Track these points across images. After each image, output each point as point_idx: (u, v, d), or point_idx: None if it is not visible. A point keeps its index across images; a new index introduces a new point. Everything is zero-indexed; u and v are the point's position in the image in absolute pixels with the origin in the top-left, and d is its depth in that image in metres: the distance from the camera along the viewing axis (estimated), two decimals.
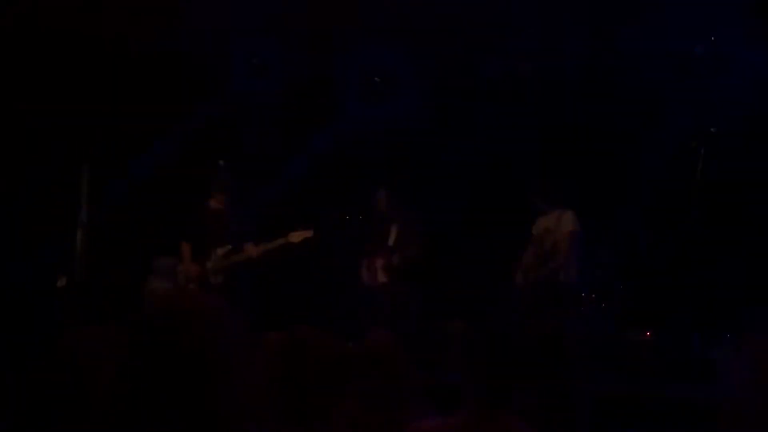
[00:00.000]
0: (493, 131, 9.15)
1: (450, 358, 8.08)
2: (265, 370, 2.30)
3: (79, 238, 9.36)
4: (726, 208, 7.63)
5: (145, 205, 9.33)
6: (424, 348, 8.14)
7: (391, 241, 8.06)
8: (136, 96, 9.16)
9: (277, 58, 9.18)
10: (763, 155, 7.51)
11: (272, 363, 2.30)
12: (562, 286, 7.22)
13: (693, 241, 6.07)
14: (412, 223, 8.06)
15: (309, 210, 9.32)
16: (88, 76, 8.93)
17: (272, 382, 2.26)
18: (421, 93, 9.33)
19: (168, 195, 8.76)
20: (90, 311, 8.38)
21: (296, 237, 7.63)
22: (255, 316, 7.56)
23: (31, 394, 2.55)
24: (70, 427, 2.27)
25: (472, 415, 2.60)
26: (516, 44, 8.84)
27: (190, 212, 7.80)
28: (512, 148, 9.00)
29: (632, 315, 8.11)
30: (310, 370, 2.26)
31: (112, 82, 9.04)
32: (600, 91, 8.61)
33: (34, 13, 8.20)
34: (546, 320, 6.96)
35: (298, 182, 9.58)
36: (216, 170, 7.69)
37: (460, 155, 9.29)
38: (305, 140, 9.63)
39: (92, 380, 2.32)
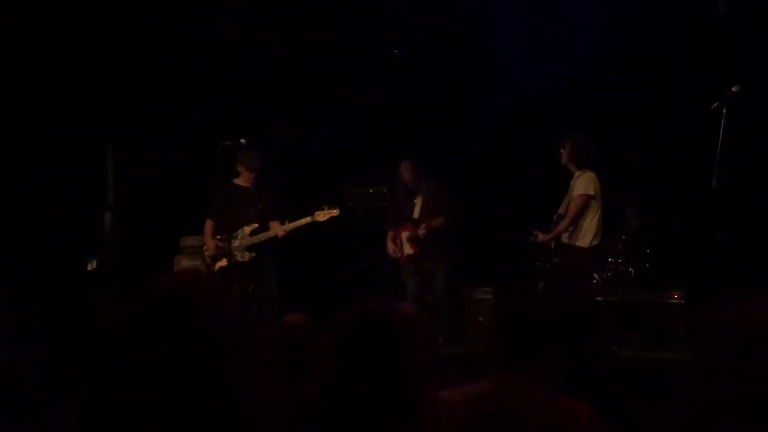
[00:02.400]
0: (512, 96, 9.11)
1: (478, 326, 8.11)
2: (333, 352, 2.25)
3: (107, 221, 9.46)
4: (752, 169, 7.56)
5: (170, 185, 9.40)
6: (453, 318, 8.18)
7: (416, 213, 8.06)
8: (155, 76, 9.20)
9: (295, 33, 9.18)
10: None
11: (342, 345, 2.24)
12: (571, 249, 7.13)
13: (719, 204, 6.01)
14: (437, 193, 8.04)
15: (333, 185, 9.35)
16: (109, 58, 8.97)
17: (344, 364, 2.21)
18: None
19: (193, 174, 8.82)
20: (121, 293, 8.48)
21: (322, 216, 7.66)
22: (281, 293, 7.64)
23: (67, 376, 2.61)
24: (102, 406, 2.32)
25: (498, 382, 2.61)
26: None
27: (216, 191, 7.85)
28: (532, 111, 8.96)
29: (661, 279, 8.09)
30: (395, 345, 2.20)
31: (131, 62, 9.08)
32: (614, 55, 8.53)
33: None
34: (563, 285, 6.92)
35: (321, 158, 9.60)
36: (240, 148, 7.70)
37: (483, 120, 9.26)
38: (324, 116, 9.63)
39: (122, 363, 2.36)
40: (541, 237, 7.26)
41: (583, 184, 7.07)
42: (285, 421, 1.56)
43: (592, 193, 7.05)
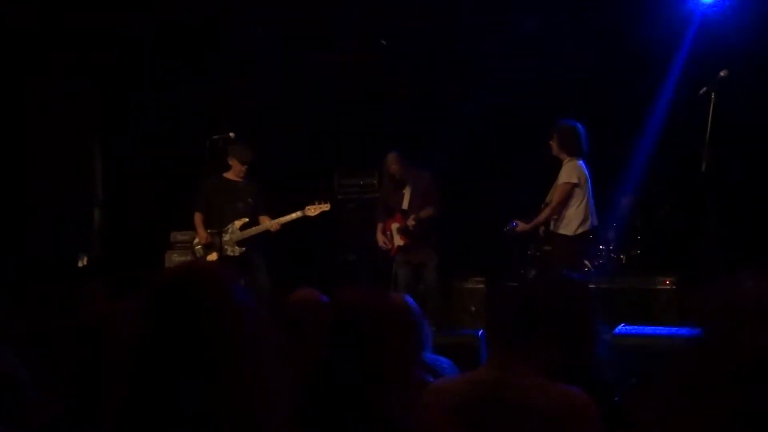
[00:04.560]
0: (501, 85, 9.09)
1: (467, 315, 8.13)
2: (318, 339, 2.29)
3: (97, 217, 9.43)
4: (741, 152, 7.57)
5: (160, 180, 9.37)
6: (443, 307, 8.19)
7: (405, 204, 8.04)
8: (144, 69, 9.16)
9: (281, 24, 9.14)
10: None
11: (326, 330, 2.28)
12: (557, 237, 7.14)
13: (709, 189, 6.02)
14: (426, 183, 8.03)
15: (323, 178, 9.35)
16: (97, 53, 8.92)
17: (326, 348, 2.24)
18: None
19: (183, 168, 8.79)
20: (112, 289, 8.45)
21: (313, 210, 7.65)
22: (273, 288, 7.62)
23: (55, 368, 2.60)
24: (90, 397, 2.32)
25: (495, 369, 2.61)
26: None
27: (205, 185, 7.82)
28: (521, 101, 8.94)
29: (652, 265, 8.10)
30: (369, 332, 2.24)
31: (118, 57, 9.03)
32: (602, 41, 8.52)
33: None
34: (552, 272, 6.93)
35: (310, 150, 9.58)
36: (230, 142, 7.68)
37: (472, 109, 9.24)
38: (313, 107, 9.61)
39: (111, 353, 2.36)
40: (521, 226, 7.27)
41: (568, 172, 7.08)
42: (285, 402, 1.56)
43: (575, 181, 7.06)
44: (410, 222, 7.90)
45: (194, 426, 1.44)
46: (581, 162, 7.12)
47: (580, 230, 7.09)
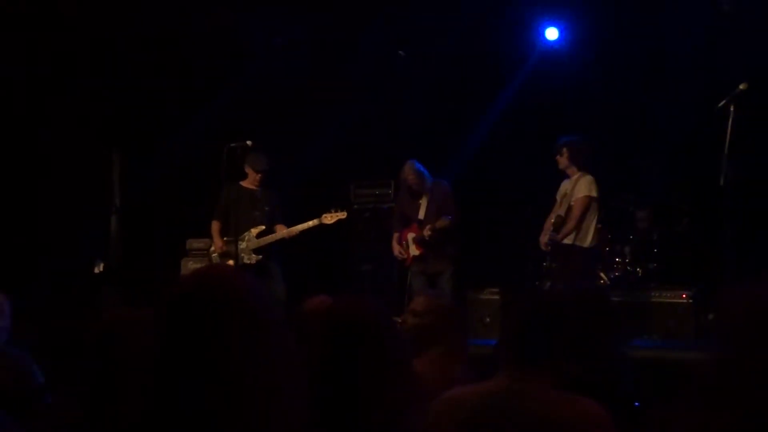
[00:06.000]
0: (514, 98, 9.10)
1: (482, 326, 8.11)
2: (313, 345, 2.30)
3: (114, 223, 9.47)
4: (760, 167, 7.53)
5: (177, 187, 9.40)
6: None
7: (421, 214, 8.04)
8: (163, 78, 9.20)
9: (301, 35, 9.16)
10: None
11: (319, 337, 2.29)
12: (572, 249, 7.13)
13: (727, 203, 5.98)
14: (442, 194, 8.02)
15: (339, 187, 9.35)
16: (116, 61, 8.97)
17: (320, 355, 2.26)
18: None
19: (200, 176, 8.82)
20: (128, 295, 8.49)
21: (330, 218, 7.66)
22: (289, 296, 7.63)
23: (70, 373, 2.61)
24: (105, 403, 2.33)
25: (509, 380, 2.60)
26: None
27: (222, 193, 7.83)
28: (532, 114, 8.95)
29: (668, 278, 8.06)
30: (363, 341, 2.26)
31: (137, 65, 9.07)
32: (620, 53, 8.51)
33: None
34: (570, 285, 6.92)
35: (327, 160, 9.60)
36: (247, 150, 7.70)
37: (485, 122, 9.25)
38: (330, 117, 9.62)
39: (126, 359, 2.36)
40: (555, 237, 7.21)
41: (586, 185, 7.13)
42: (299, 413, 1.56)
43: (594, 195, 7.13)
44: (426, 232, 7.90)
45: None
46: (593, 177, 7.17)
47: (593, 243, 7.15)
